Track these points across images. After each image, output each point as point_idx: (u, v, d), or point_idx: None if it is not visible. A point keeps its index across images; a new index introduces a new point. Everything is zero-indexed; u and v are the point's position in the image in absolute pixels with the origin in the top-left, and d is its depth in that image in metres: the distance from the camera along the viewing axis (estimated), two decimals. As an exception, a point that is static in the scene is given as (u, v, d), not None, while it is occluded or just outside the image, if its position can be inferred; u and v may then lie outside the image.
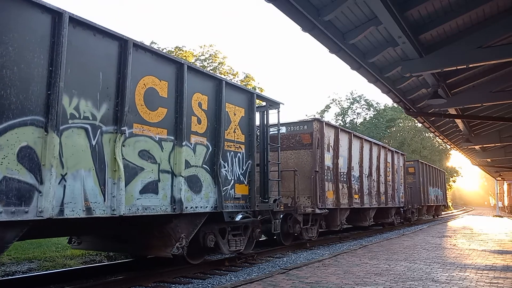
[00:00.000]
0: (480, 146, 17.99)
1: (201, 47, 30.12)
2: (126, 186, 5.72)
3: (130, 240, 7.49)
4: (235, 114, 8.32)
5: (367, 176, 16.33)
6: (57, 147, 4.83)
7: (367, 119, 49.85)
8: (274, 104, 9.78)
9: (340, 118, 50.43)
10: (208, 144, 7.52)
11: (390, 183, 19.14)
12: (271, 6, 5.87)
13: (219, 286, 6.73)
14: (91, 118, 5.37)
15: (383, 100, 63.47)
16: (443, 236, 14.63)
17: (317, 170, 12.34)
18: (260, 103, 9.97)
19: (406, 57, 8.01)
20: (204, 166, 7.37)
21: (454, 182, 60.88)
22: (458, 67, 7.97)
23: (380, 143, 18.65)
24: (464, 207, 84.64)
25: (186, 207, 6.80)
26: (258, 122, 9.43)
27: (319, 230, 13.07)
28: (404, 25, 6.69)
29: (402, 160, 21.36)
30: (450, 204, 60.86)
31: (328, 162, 13.12)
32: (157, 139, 6.39)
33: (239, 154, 8.35)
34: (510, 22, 6.79)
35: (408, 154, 38.20)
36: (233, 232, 8.35)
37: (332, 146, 13.44)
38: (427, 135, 46.89)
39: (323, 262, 8.15)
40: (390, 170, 19.21)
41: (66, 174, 4.99)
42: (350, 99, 51.00)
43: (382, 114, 48.96)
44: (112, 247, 8.16)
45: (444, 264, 8.00)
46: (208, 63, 29.61)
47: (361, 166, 15.70)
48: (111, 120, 5.65)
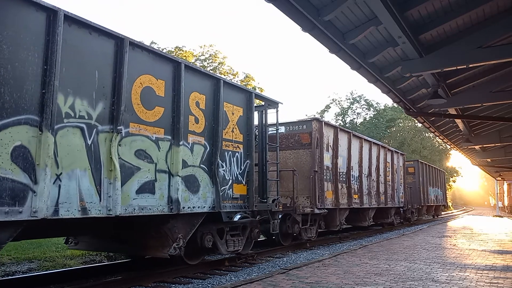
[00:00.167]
0: (480, 146, 17.95)
1: (201, 47, 30.14)
2: (122, 186, 5.67)
3: (127, 241, 7.45)
4: (233, 114, 8.26)
5: (367, 176, 16.28)
6: (51, 146, 4.78)
7: (367, 119, 49.84)
8: (272, 104, 9.73)
9: (340, 118, 50.43)
10: (205, 143, 7.46)
11: (390, 183, 19.08)
12: (271, 6, 5.84)
13: (219, 286, 6.71)
14: (86, 117, 5.31)
15: (383, 100, 63.53)
16: (443, 236, 14.59)
17: (316, 170, 12.29)
18: (260, 103, 9.93)
19: (406, 57, 7.98)
20: (201, 165, 7.31)
21: (454, 182, 60.87)
22: (458, 67, 7.95)
23: (380, 143, 18.59)
24: (464, 207, 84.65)
25: (183, 207, 6.75)
26: (257, 122, 9.39)
27: (318, 230, 13.02)
28: (404, 25, 6.66)
29: (401, 160, 21.30)
30: (450, 204, 60.86)
31: (327, 162, 13.07)
32: (154, 139, 6.34)
33: (237, 154, 8.29)
34: (510, 22, 6.76)
35: (408, 154, 38.17)
36: (231, 232, 8.30)
37: (331, 146, 13.39)
38: (427, 135, 46.85)
39: (323, 262, 8.12)
40: (390, 170, 19.16)
41: (61, 173, 4.94)
42: (350, 99, 51.02)
43: (382, 114, 48.93)
44: (109, 248, 8.11)
45: (444, 264, 7.97)
46: (208, 63, 29.57)
47: (360, 166, 15.64)
48: (107, 119, 5.59)
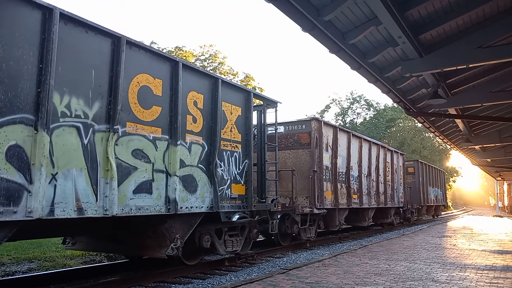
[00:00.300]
0: (480, 146, 17.91)
1: (201, 47, 30.08)
2: (119, 185, 5.62)
3: (124, 241, 7.40)
4: (231, 113, 8.22)
5: (366, 176, 16.23)
6: (47, 146, 4.73)
7: (367, 119, 49.82)
8: (271, 103, 9.69)
9: (340, 118, 50.41)
10: (203, 143, 7.42)
11: (390, 183, 19.03)
12: (271, 6, 5.82)
13: (219, 286, 6.69)
14: (83, 117, 5.26)
15: (383, 100, 63.53)
16: (443, 236, 14.55)
17: (315, 169, 12.25)
18: (259, 103, 9.88)
19: (406, 57, 7.95)
20: (199, 165, 7.27)
21: (454, 182, 60.83)
22: (458, 67, 7.92)
23: (379, 143, 18.54)
24: (464, 207, 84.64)
25: (181, 207, 6.70)
26: (255, 122, 9.34)
27: (318, 231, 12.98)
28: (404, 25, 6.63)
29: (401, 160, 21.26)
30: (450, 204, 60.83)
31: (326, 161, 13.02)
32: (151, 138, 6.29)
33: (235, 154, 8.25)
34: (510, 22, 6.74)
35: (408, 154, 38.13)
36: (229, 232, 8.25)
37: (330, 145, 13.34)
38: (427, 135, 46.81)
39: (323, 262, 8.10)
40: (390, 170, 19.11)
41: (56, 173, 4.89)
42: (350, 99, 51.01)
43: (382, 114, 48.90)
44: (107, 248, 8.07)
45: (444, 264, 7.94)
46: (208, 63, 29.52)
47: (360, 166, 15.59)
48: (104, 119, 5.54)
